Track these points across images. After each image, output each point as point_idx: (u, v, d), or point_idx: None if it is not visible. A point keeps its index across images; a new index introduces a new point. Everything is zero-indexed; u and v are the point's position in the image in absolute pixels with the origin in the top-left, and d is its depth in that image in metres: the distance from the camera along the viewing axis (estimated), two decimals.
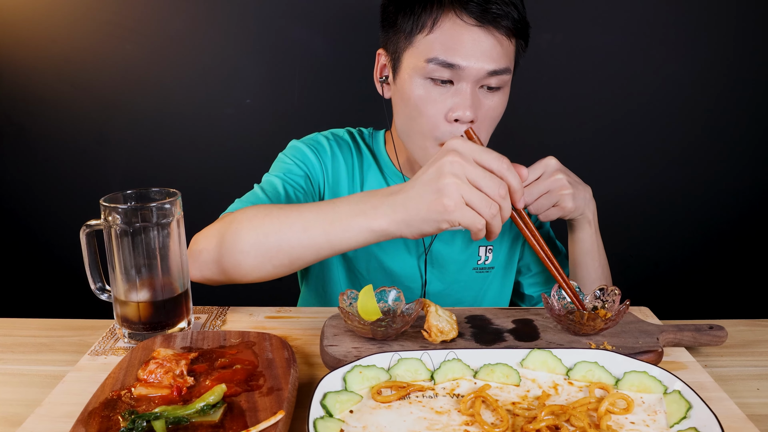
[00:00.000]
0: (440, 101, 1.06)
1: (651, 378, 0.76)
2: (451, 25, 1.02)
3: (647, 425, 0.70)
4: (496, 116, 1.11)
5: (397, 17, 1.09)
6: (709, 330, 0.92)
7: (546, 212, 1.09)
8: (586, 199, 1.11)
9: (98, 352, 0.90)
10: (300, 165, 1.23)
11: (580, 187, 1.11)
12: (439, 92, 1.06)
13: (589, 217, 1.14)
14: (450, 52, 1.02)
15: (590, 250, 1.17)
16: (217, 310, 1.06)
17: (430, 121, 1.07)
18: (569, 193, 1.07)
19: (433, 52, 1.03)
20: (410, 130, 1.12)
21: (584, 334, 0.90)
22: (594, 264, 1.18)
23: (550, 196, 1.07)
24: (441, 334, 0.87)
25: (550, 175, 1.07)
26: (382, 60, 1.17)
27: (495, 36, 1.03)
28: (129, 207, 0.87)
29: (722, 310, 2.17)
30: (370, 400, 0.74)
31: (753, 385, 0.86)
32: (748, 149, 2.06)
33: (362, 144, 1.30)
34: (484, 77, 1.04)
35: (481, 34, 1.02)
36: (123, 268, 0.89)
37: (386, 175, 1.27)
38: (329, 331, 0.90)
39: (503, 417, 0.70)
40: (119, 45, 1.98)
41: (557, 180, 1.07)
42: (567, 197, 1.07)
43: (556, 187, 1.07)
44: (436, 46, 1.03)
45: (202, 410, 0.68)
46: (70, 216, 1.64)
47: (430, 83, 1.06)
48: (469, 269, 1.31)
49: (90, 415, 0.68)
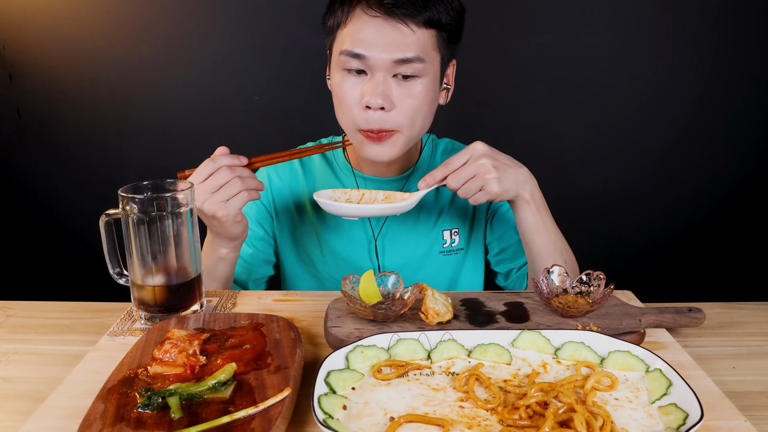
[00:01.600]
0: (354, 90, 1.08)
1: (634, 357, 0.76)
2: (359, 19, 1.05)
3: (630, 401, 0.70)
4: (416, 104, 1.08)
5: (326, 17, 1.13)
6: (689, 312, 0.92)
7: (474, 196, 1.04)
8: (519, 181, 1.06)
9: (116, 333, 0.90)
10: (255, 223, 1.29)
11: (509, 169, 1.05)
12: (354, 82, 1.08)
13: (526, 198, 1.08)
14: (356, 44, 1.05)
15: (534, 229, 1.11)
16: (228, 294, 1.06)
17: (348, 108, 1.09)
18: (494, 177, 1.02)
19: (344, 45, 1.06)
20: (339, 119, 1.15)
21: (571, 316, 0.90)
22: (543, 241, 1.12)
23: (476, 181, 1.03)
24: (437, 316, 0.87)
25: (475, 159, 1.03)
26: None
27: (399, 28, 1.03)
28: (145, 197, 0.87)
29: (701, 293, 2.17)
30: (371, 378, 0.74)
31: (729, 364, 0.86)
32: (725, 146, 2.06)
33: (322, 155, 1.32)
34: (392, 66, 1.05)
35: (386, 25, 1.03)
36: (140, 255, 0.89)
37: (335, 171, 1.30)
38: (332, 314, 0.90)
39: (496, 393, 0.70)
40: (136, 46, 1.97)
41: (481, 165, 1.03)
42: (492, 181, 1.03)
43: (481, 171, 1.03)
44: (347, 38, 1.06)
45: (214, 387, 0.68)
46: (90, 206, 1.64)
47: (346, 74, 1.09)
48: (435, 253, 1.29)
49: (109, 391, 0.68)
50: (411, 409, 0.68)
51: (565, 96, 2.02)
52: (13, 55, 1.99)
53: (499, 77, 2.03)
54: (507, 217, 1.31)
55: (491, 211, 1.31)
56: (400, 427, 0.65)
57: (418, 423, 0.65)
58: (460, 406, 0.69)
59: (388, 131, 1.09)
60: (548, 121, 2.04)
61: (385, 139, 1.10)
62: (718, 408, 0.71)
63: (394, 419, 0.65)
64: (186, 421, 0.63)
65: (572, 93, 2.01)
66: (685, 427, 0.63)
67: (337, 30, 1.09)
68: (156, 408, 0.64)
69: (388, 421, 0.66)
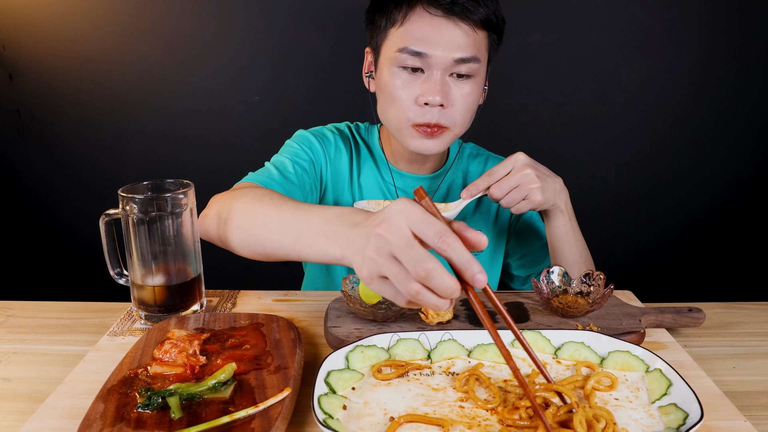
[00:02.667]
0: (411, 87, 1.09)
1: (634, 357, 0.76)
2: (419, 18, 1.06)
3: (630, 401, 0.70)
4: (469, 103, 1.11)
5: (375, 16, 1.13)
6: (689, 312, 0.92)
7: (517, 205, 1.07)
8: (557, 190, 1.09)
9: (116, 333, 0.90)
10: (306, 151, 1.25)
11: (549, 179, 1.09)
12: (411, 79, 1.09)
13: (561, 207, 1.12)
14: (418, 42, 1.05)
15: (565, 237, 1.16)
16: (228, 294, 1.06)
17: (402, 104, 1.10)
18: (537, 187, 1.05)
19: (403, 43, 1.07)
20: (388, 115, 1.15)
21: (571, 316, 0.90)
22: (571, 249, 1.16)
23: (520, 190, 1.05)
24: (437, 316, 0.87)
25: (519, 170, 1.05)
26: (368, 57, 1.20)
27: (461, 27, 1.05)
28: (145, 197, 0.87)
29: (701, 293, 2.17)
30: (371, 378, 0.74)
31: (729, 364, 0.86)
32: (724, 146, 2.06)
33: (359, 138, 1.32)
34: (451, 65, 1.06)
35: (448, 25, 1.05)
36: (140, 255, 0.89)
37: (379, 166, 1.29)
38: (332, 314, 0.90)
39: (496, 394, 0.70)
40: (136, 46, 1.97)
41: (526, 175, 1.05)
42: (536, 191, 1.05)
43: (525, 181, 1.05)
44: (407, 37, 1.07)
45: (214, 387, 0.68)
46: (90, 206, 1.64)
47: (402, 71, 1.09)
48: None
49: (109, 392, 0.68)
50: (411, 409, 0.68)
51: (565, 96, 2.02)
52: (13, 55, 1.98)
53: (499, 77, 2.02)
54: (530, 222, 1.33)
55: (515, 217, 1.33)
56: (400, 427, 0.65)
57: (418, 423, 0.65)
58: (460, 406, 0.69)
59: (443, 127, 1.11)
60: (548, 121, 2.04)
61: (437, 134, 1.12)
62: (718, 408, 0.71)
63: (394, 419, 0.65)
64: (186, 421, 0.63)
65: (572, 93, 2.01)
66: (685, 427, 0.63)
67: (391, 28, 1.09)
68: (156, 408, 0.64)
69: (388, 421, 0.66)
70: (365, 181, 1.28)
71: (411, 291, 0.63)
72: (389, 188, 1.27)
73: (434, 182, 1.29)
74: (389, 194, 1.27)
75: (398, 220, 0.64)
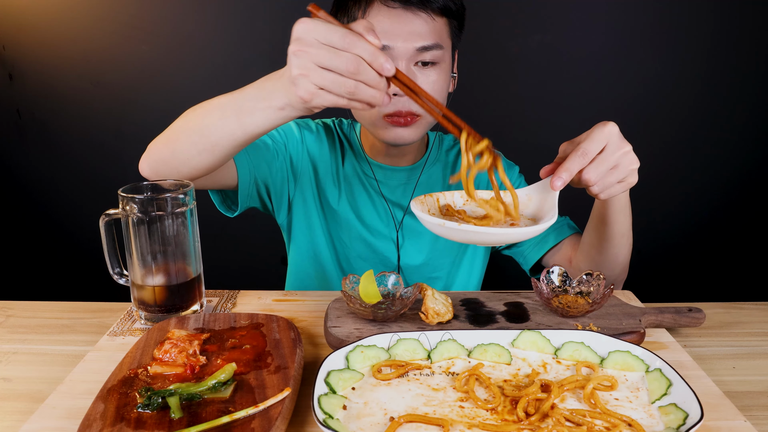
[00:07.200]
0: None
1: (634, 357, 0.76)
2: (378, 12, 1.07)
3: (630, 401, 0.70)
4: (437, 89, 1.12)
5: (337, 14, 1.15)
6: (689, 312, 0.92)
7: (608, 190, 0.88)
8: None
9: (116, 333, 0.90)
10: (280, 131, 1.27)
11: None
12: None
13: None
14: (379, 36, 1.05)
15: (624, 209, 1.06)
16: (228, 294, 1.06)
17: None
18: (637, 168, 0.87)
19: None
20: (360, 112, 1.17)
21: (571, 316, 0.90)
22: (627, 220, 1.08)
23: (618, 172, 0.86)
24: (437, 316, 0.87)
25: (616, 146, 0.85)
26: None
27: (420, 16, 1.07)
28: (145, 197, 0.87)
29: (701, 293, 2.17)
30: (371, 378, 0.74)
31: (729, 364, 0.86)
32: (724, 146, 2.06)
33: (341, 133, 1.34)
34: (414, 54, 1.08)
35: (407, 15, 1.07)
36: (140, 255, 0.89)
37: (359, 160, 1.31)
38: (332, 314, 0.90)
39: (496, 394, 0.70)
40: (135, 46, 1.97)
41: (626, 153, 0.86)
42: (635, 173, 0.88)
43: (625, 162, 0.86)
44: None
45: (214, 387, 0.68)
46: (89, 206, 1.64)
47: None
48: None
49: (109, 392, 0.68)
50: (411, 409, 0.68)
51: (565, 96, 2.02)
52: (13, 55, 1.99)
53: (499, 77, 2.03)
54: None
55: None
56: (400, 427, 0.65)
57: (418, 423, 0.65)
58: (460, 406, 0.69)
59: (416, 115, 1.12)
60: (548, 121, 2.04)
61: (411, 123, 1.13)
62: (718, 408, 0.71)
63: (394, 419, 0.65)
64: (186, 421, 0.63)
65: (572, 93, 2.01)
66: (685, 427, 0.63)
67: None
68: (156, 408, 0.64)
69: (388, 421, 0.66)
70: (348, 174, 1.30)
71: (348, 88, 0.73)
72: (371, 182, 1.29)
73: (413, 173, 1.30)
74: (370, 187, 1.29)
75: (307, 37, 0.73)
